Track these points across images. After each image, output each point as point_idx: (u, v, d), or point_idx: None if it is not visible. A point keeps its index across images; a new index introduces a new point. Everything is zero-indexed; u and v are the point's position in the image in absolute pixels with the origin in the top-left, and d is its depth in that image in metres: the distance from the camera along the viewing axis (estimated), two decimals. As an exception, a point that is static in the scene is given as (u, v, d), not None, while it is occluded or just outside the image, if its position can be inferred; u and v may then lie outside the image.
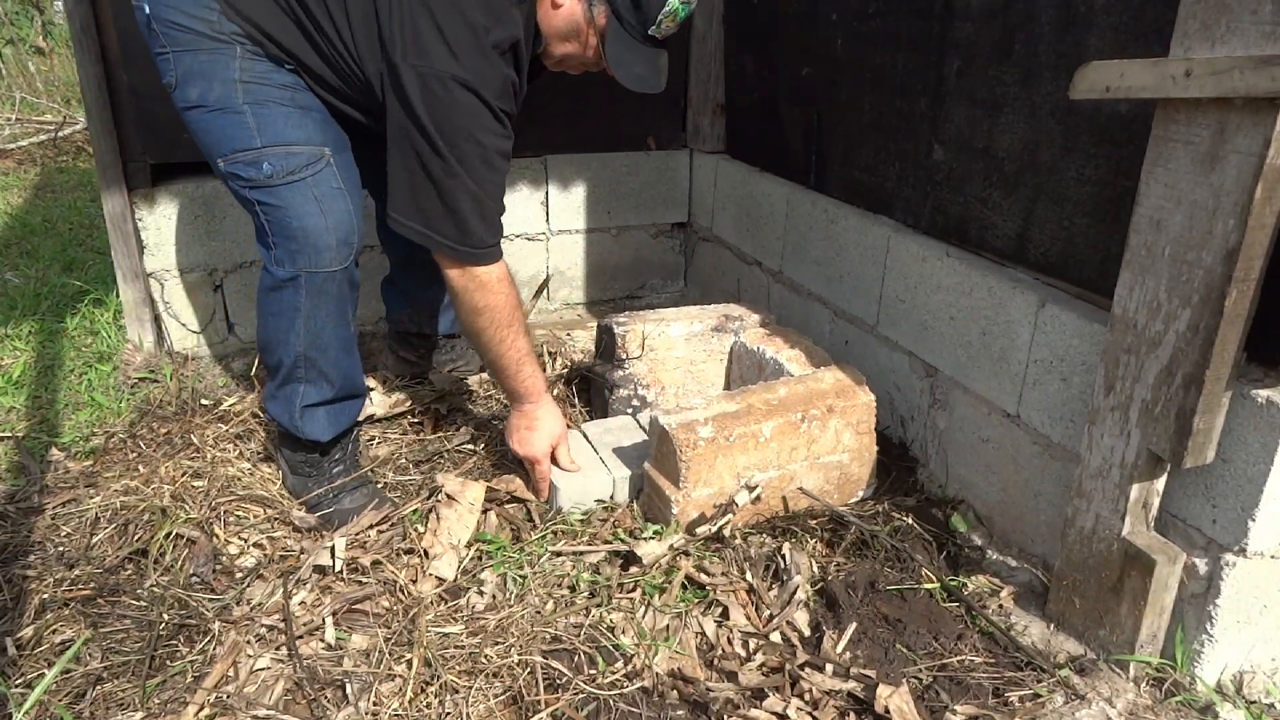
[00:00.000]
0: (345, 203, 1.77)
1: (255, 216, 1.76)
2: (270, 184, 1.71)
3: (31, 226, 3.95)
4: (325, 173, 1.75)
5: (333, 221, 1.74)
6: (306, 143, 1.74)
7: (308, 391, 1.86)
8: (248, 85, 1.69)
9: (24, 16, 7.43)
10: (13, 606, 1.62)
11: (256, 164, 1.70)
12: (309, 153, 1.73)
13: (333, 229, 1.74)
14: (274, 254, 1.76)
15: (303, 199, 1.72)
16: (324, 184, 1.74)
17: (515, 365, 1.87)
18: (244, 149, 1.70)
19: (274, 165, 1.70)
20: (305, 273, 1.74)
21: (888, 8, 2.14)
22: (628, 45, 1.78)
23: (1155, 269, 1.36)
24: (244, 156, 1.70)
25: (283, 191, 1.71)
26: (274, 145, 1.70)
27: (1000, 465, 1.86)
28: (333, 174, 1.76)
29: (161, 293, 2.62)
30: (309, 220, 1.72)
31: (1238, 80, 1.18)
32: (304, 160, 1.72)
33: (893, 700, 1.38)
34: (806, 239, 2.53)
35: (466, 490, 1.88)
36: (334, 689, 1.47)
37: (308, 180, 1.72)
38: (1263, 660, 1.49)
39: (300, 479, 1.96)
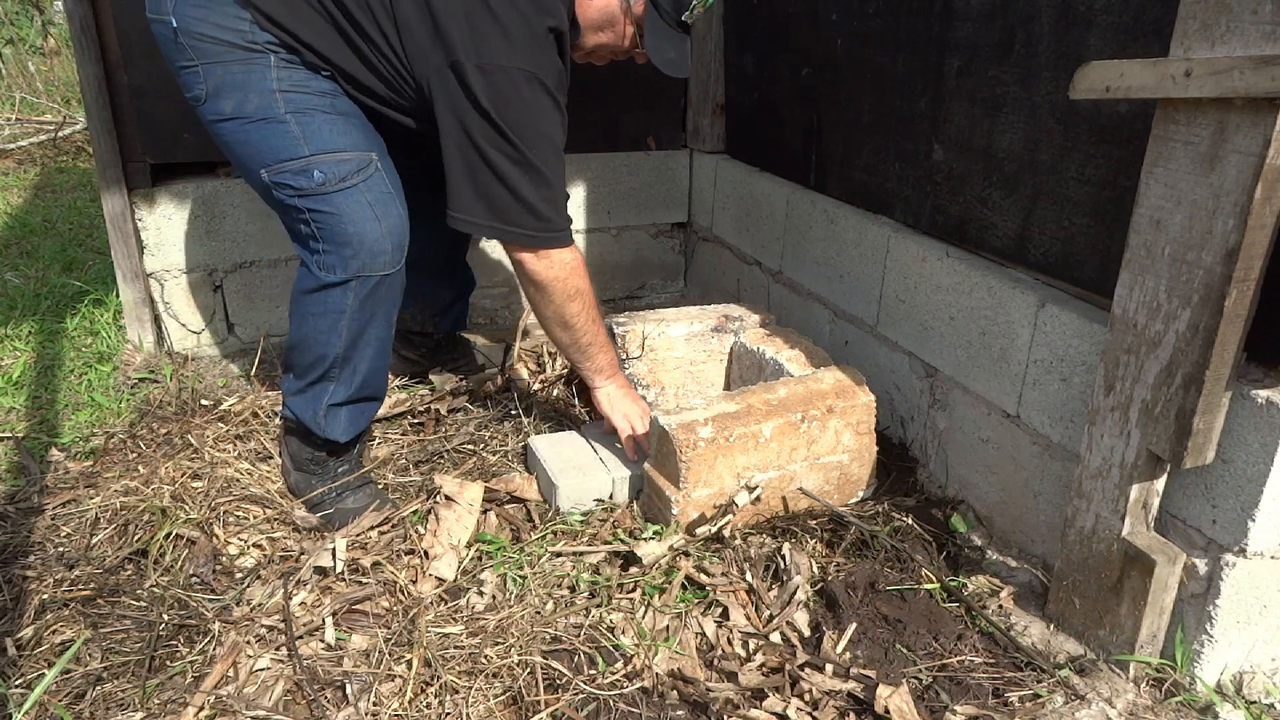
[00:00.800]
0: (397, 206, 1.78)
1: (299, 223, 1.76)
2: (323, 191, 1.71)
3: (31, 226, 3.95)
4: (375, 177, 1.75)
5: (388, 226, 1.75)
6: (354, 149, 1.74)
7: (336, 390, 1.86)
8: (287, 94, 1.70)
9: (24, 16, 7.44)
10: (13, 606, 1.62)
11: (306, 172, 1.70)
12: (358, 159, 1.74)
13: (388, 233, 1.75)
14: (322, 259, 1.75)
15: (357, 205, 1.72)
16: (376, 189, 1.75)
17: (605, 339, 1.99)
18: (291, 158, 1.70)
19: (325, 173, 1.70)
20: (359, 277, 1.75)
21: (888, 8, 2.14)
22: (664, 33, 1.83)
23: (1155, 269, 1.36)
24: (291, 165, 1.70)
25: (336, 199, 1.71)
26: (322, 153, 1.71)
27: (1000, 465, 1.86)
28: (382, 178, 1.77)
29: (161, 293, 2.62)
30: (365, 225, 1.72)
31: (1238, 80, 1.18)
32: (354, 166, 1.73)
33: (893, 700, 1.38)
34: (806, 239, 2.53)
35: (465, 491, 1.88)
36: (334, 689, 1.47)
37: (359, 186, 1.73)
38: (1263, 660, 1.49)
39: (304, 476, 1.95)
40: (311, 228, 1.74)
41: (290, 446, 1.97)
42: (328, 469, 1.95)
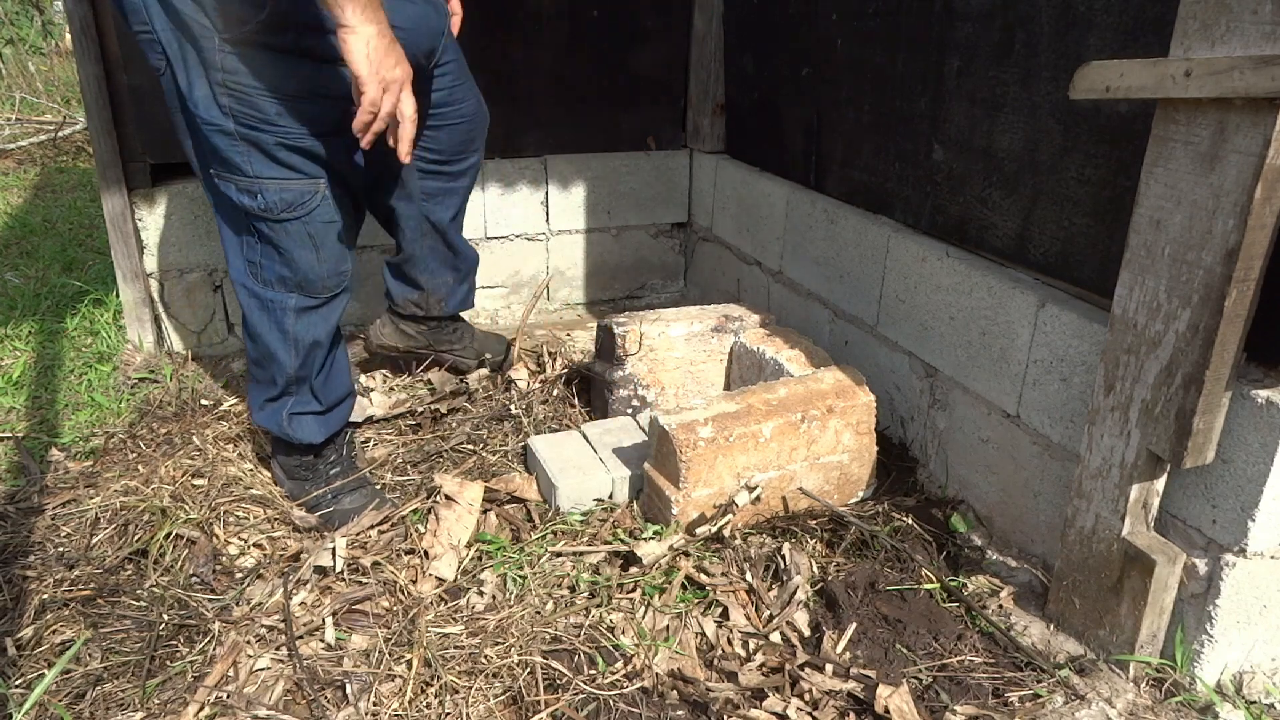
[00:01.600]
0: (337, 233, 1.75)
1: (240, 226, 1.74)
2: (266, 217, 1.69)
3: (31, 226, 3.95)
4: (320, 208, 1.71)
5: (325, 254, 1.74)
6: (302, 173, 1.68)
7: (296, 403, 1.86)
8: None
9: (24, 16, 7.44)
10: (13, 606, 1.62)
11: (251, 193, 1.67)
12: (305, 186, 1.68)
13: (324, 261, 1.74)
14: (260, 271, 1.74)
15: (298, 236, 1.70)
16: (318, 219, 1.71)
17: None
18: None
19: (268, 199, 1.67)
20: (297, 297, 1.75)
21: (888, 8, 2.14)
22: None
23: (1155, 269, 1.36)
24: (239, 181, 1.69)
25: (279, 227, 1.70)
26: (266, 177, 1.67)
27: (1000, 465, 1.86)
28: (329, 206, 1.72)
29: (161, 293, 2.62)
30: (302, 255, 1.71)
31: (1238, 80, 1.18)
32: (299, 195, 1.68)
33: (893, 700, 1.38)
34: (806, 239, 2.53)
35: (465, 490, 1.88)
36: (334, 689, 1.47)
37: (301, 220, 1.69)
38: (1263, 660, 1.49)
39: (297, 483, 1.95)
40: (254, 238, 1.72)
41: (278, 457, 1.97)
42: (317, 472, 1.95)
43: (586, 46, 2.92)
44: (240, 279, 1.77)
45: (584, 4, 2.86)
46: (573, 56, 2.90)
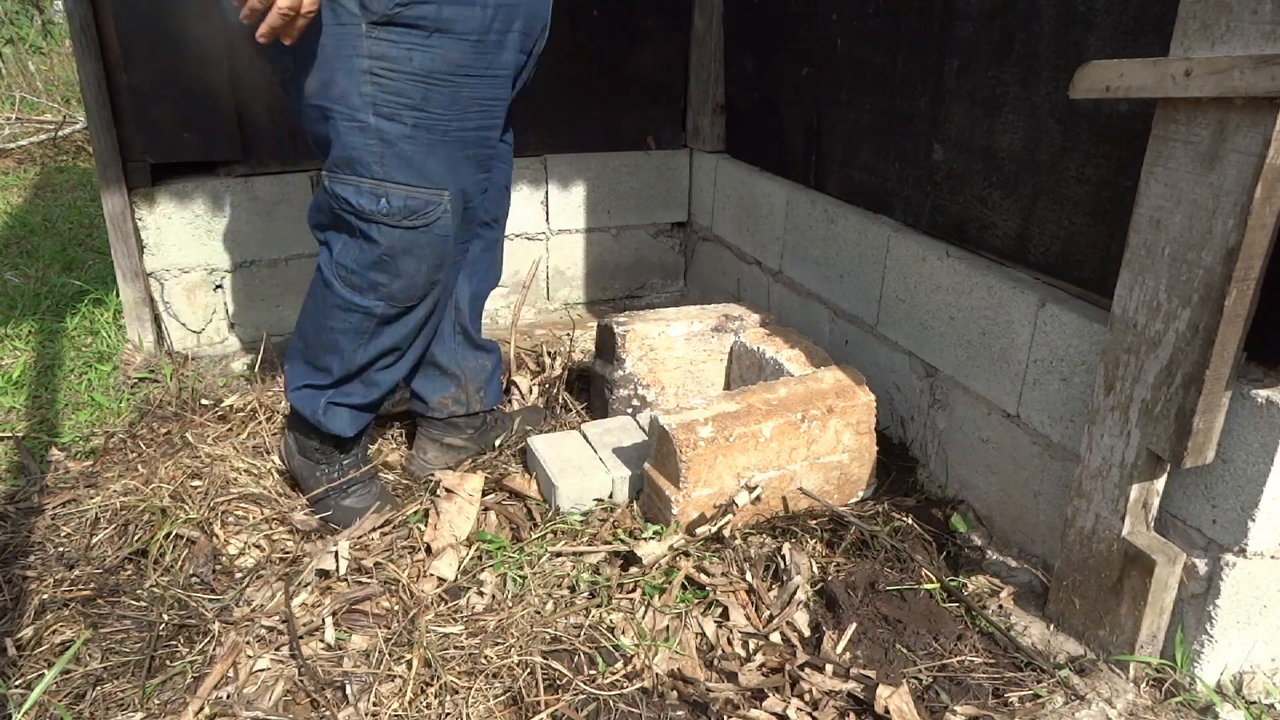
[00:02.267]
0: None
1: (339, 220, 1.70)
2: (383, 221, 1.66)
3: (31, 226, 3.95)
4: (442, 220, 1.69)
5: (429, 265, 1.71)
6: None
7: (343, 394, 1.83)
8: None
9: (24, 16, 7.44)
10: (13, 607, 1.62)
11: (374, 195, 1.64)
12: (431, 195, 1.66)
13: (428, 271, 1.71)
14: (350, 277, 1.70)
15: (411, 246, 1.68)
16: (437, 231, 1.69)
17: None
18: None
19: (392, 204, 1.65)
20: (389, 303, 1.71)
21: (888, 8, 2.14)
22: None
23: (1155, 269, 1.36)
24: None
25: (392, 233, 1.67)
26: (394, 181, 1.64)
27: (1000, 465, 1.86)
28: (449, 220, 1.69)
29: (161, 293, 2.62)
30: (408, 264, 1.69)
31: (1238, 80, 1.18)
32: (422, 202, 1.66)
33: (893, 700, 1.38)
34: (806, 239, 2.53)
35: (465, 483, 1.88)
36: (334, 690, 1.47)
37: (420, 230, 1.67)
38: (1263, 660, 1.49)
39: (307, 463, 1.92)
40: (356, 238, 1.69)
41: (296, 431, 1.93)
42: (333, 460, 1.92)
43: (586, 46, 2.92)
44: (328, 275, 1.73)
45: (584, 4, 2.86)
46: (573, 56, 2.89)
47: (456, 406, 2.08)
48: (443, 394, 2.06)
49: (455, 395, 2.07)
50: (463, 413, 2.09)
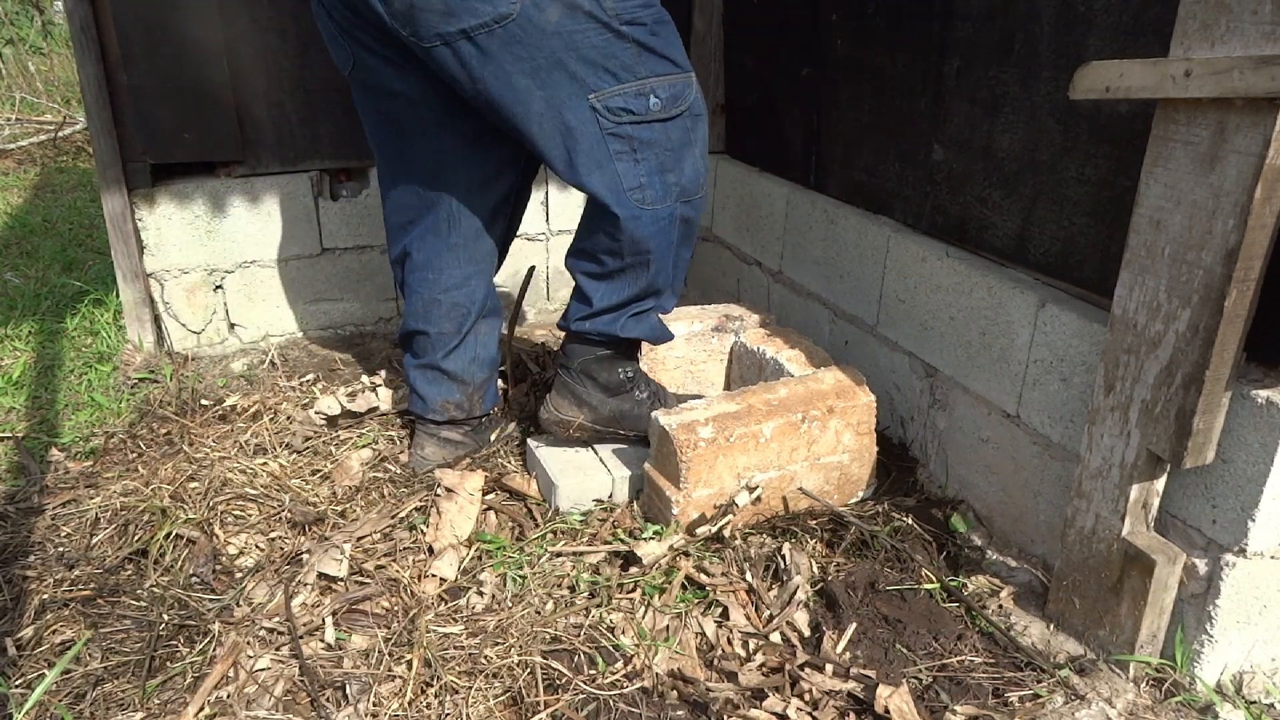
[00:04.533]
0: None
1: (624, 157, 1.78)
2: (660, 118, 1.77)
3: (31, 226, 3.95)
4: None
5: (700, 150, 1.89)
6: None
7: (658, 304, 1.96)
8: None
9: (24, 16, 7.44)
10: (13, 607, 1.62)
11: (643, 96, 1.75)
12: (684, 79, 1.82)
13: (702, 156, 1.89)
14: (645, 192, 1.79)
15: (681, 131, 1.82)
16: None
17: None
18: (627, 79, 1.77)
19: (660, 97, 1.76)
20: (682, 202, 1.83)
21: (888, 8, 2.14)
22: None
23: (1155, 269, 1.36)
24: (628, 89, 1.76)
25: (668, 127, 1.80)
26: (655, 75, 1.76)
27: (1000, 465, 1.86)
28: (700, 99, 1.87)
29: (161, 293, 2.62)
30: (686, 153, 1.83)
31: (1238, 80, 1.18)
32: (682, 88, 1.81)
33: (893, 700, 1.38)
34: (806, 239, 2.53)
35: (466, 481, 1.88)
36: (334, 690, 1.47)
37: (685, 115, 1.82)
38: (1263, 660, 1.49)
39: (626, 397, 2.00)
40: (641, 157, 1.76)
41: (599, 380, 1.97)
42: (638, 376, 2.02)
43: (586, 46, 2.91)
44: (632, 212, 1.78)
45: (584, 4, 2.86)
46: (573, 56, 2.89)
47: (457, 411, 2.08)
48: (446, 398, 2.07)
49: (459, 401, 2.08)
50: (463, 416, 2.09)
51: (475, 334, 2.07)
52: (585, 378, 1.97)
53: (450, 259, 1.99)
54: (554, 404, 2.01)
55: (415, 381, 2.08)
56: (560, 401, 2.00)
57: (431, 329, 2.03)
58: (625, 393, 2.01)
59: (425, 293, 2.02)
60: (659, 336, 1.99)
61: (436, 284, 2.00)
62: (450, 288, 2.01)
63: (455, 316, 2.03)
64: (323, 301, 2.82)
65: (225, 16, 2.42)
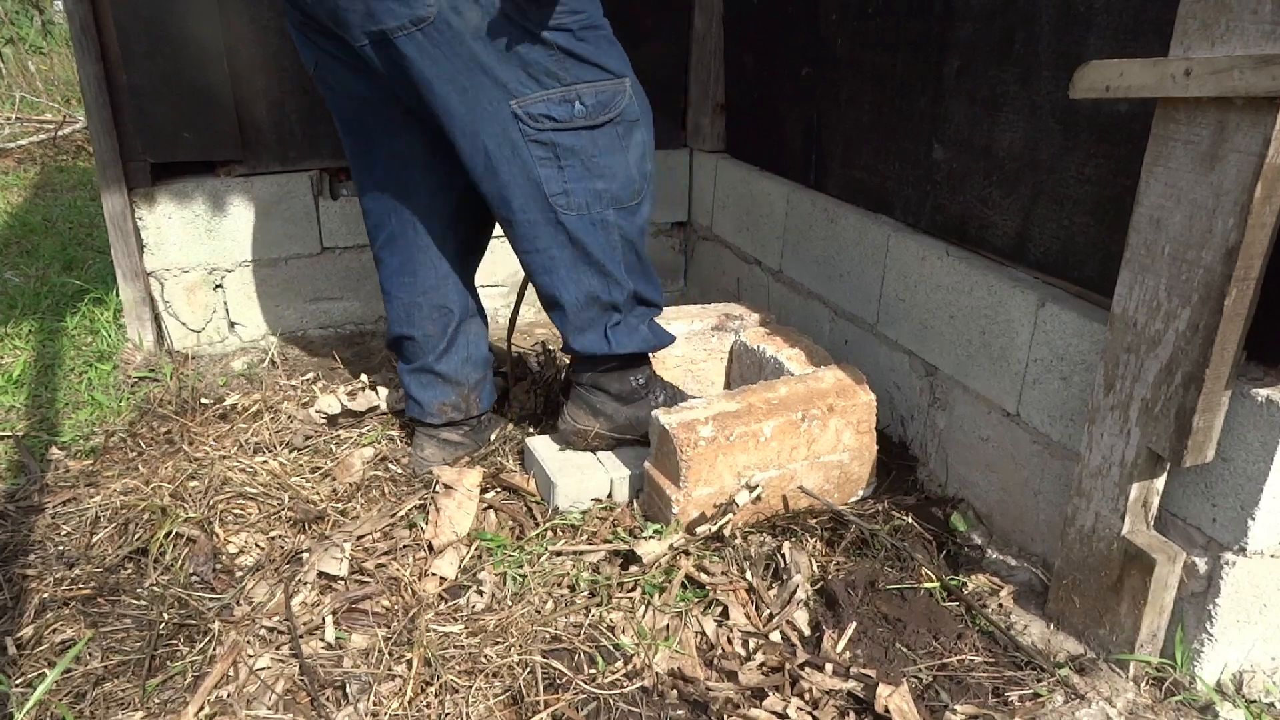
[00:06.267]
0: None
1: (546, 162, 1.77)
2: (584, 125, 1.75)
3: (31, 226, 3.95)
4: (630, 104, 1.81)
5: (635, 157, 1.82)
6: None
7: (642, 311, 1.93)
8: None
9: (24, 16, 7.44)
10: (13, 606, 1.62)
11: (568, 102, 1.72)
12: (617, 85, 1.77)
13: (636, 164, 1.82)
14: (570, 198, 1.78)
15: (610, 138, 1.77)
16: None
17: None
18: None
19: (586, 103, 1.73)
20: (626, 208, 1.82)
21: (888, 8, 2.14)
22: None
23: (1155, 268, 1.36)
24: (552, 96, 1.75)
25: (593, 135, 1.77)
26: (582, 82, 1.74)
27: (1000, 464, 1.86)
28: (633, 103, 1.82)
29: (161, 292, 2.62)
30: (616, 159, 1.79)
31: (1238, 80, 1.18)
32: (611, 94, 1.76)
33: (893, 700, 1.38)
34: (806, 238, 2.53)
35: (464, 478, 1.89)
36: (334, 689, 1.47)
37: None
38: (1263, 660, 1.49)
39: (640, 403, 1.99)
40: (562, 164, 1.75)
41: (611, 392, 1.96)
42: (651, 381, 2.00)
43: (586, 46, 2.91)
44: (555, 218, 1.78)
45: (584, 3, 2.86)
46: (573, 56, 2.89)
47: (455, 413, 2.08)
48: (442, 401, 2.07)
49: (455, 403, 2.08)
50: (460, 417, 2.09)
51: (463, 334, 2.06)
52: (597, 390, 1.97)
53: (423, 260, 1.98)
54: (571, 415, 2.01)
55: (410, 386, 2.08)
56: (577, 412, 2.00)
57: (416, 332, 2.02)
58: (640, 399, 2.00)
59: (404, 296, 2.01)
60: (653, 345, 1.97)
61: (414, 287, 2.00)
62: (428, 289, 2.00)
63: (438, 318, 2.02)
64: (323, 300, 2.82)
65: (225, 16, 2.42)
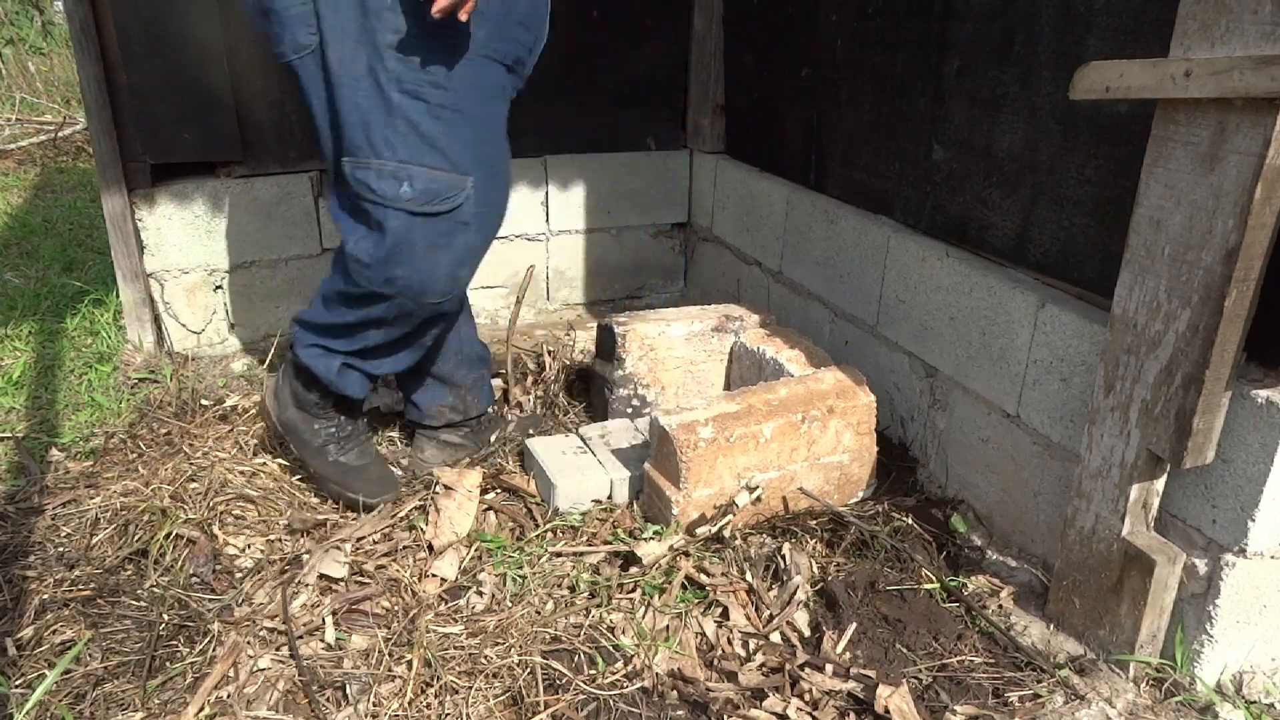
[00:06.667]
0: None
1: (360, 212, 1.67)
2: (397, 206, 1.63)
3: (31, 226, 3.95)
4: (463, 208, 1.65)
5: (447, 258, 1.69)
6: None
7: (357, 360, 1.83)
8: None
9: (24, 16, 7.44)
10: (13, 607, 1.62)
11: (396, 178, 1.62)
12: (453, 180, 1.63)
13: (444, 265, 1.68)
14: (359, 270, 1.68)
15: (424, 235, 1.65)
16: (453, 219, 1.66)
17: None
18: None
19: (414, 188, 1.61)
20: (401, 299, 1.70)
21: (888, 8, 2.14)
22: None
23: (1155, 269, 1.36)
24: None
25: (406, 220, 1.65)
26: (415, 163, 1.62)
27: (1000, 465, 1.86)
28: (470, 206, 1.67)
29: (161, 293, 2.62)
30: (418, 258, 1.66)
31: (1237, 80, 1.18)
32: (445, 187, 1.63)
33: (893, 700, 1.38)
34: (806, 239, 2.53)
35: (464, 479, 1.88)
36: (334, 690, 1.47)
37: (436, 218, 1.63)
38: (1263, 660, 1.49)
39: (307, 416, 1.89)
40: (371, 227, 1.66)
41: (296, 384, 1.88)
42: (329, 416, 1.90)
43: (586, 46, 2.92)
44: (345, 267, 1.71)
45: (584, 4, 2.86)
46: (573, 56, 2.89)
47: (454, 415, 2.08)
48: (440, 403, 2.06)
49: (453, 404, 2.07)
50: (459, 419, 2.09)
51: (456, 334, 2.02)
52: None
53: None
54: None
55: (407, 391, 2.07)
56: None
57: None
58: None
59: None
60: (329, 381, 1.84)
61: None
62: None
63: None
64: (323, 301, 2.82)
65: (225, 16, 2.42)
